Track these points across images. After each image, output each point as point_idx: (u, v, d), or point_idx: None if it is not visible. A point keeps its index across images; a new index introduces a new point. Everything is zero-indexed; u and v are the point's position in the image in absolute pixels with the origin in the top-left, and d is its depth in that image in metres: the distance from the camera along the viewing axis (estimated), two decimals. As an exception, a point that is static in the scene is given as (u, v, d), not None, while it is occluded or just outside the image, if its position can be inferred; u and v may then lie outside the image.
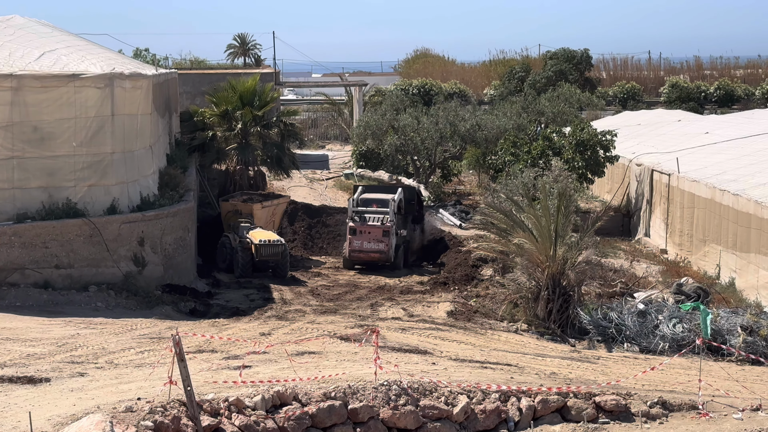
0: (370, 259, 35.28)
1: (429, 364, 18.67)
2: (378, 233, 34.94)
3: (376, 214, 35.38)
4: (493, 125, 48.00)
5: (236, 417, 13.44)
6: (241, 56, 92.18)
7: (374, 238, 34.95)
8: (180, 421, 12.71)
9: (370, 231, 34.97)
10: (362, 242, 34.98)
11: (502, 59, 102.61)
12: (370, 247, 35.00)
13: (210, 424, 13.09)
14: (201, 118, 43.73)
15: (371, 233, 34.97)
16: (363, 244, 34.98)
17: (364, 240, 34.97)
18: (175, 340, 12.83)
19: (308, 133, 72.53)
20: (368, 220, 35.26)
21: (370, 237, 34.98)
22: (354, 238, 35.06)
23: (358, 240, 35.01)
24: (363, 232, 34.98)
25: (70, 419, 12.62)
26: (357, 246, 35.06)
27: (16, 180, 27.40)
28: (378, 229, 34.92)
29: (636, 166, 41.97)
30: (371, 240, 34.96)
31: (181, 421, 12.74)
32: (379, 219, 35.16)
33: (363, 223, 35.15)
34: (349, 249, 35.27)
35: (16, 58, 28.34)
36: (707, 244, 33.12)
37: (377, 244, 34.94)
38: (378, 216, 35.29)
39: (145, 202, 29.80)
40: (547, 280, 25.89)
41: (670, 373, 19.97)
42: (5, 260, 26.63)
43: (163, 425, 12.34)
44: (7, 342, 20.28)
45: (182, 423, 12.73)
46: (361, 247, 35.04)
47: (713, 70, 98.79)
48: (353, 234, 35.09)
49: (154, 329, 23.22)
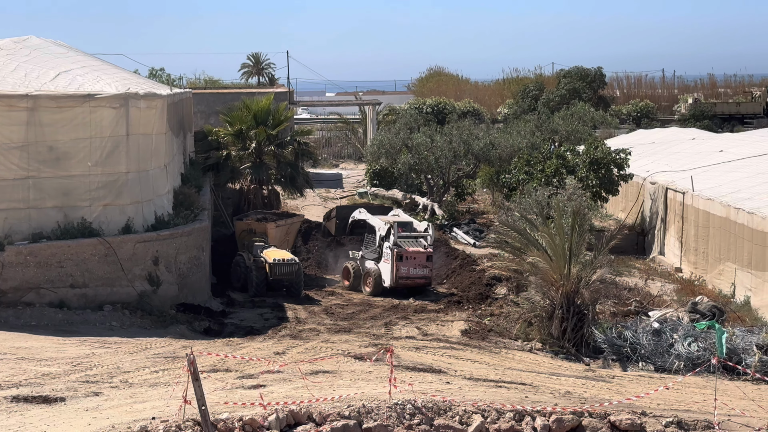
0: (415, 284, 34.56)
1: (443, 383, 18.63)
2: (422, 258, 34.30)
3: (413, 239, 34.88)
4: (507, 144, 48.02)
5: (250, 436, 13.44)
6: (255, 75, 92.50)
7: (419, 263, 34.26)
8: (194, 440, 12.72)
9: (416, 257, 34.23)
10: (409, 268, 34.14)
11: (515, 78, 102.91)
12: (416, 273, 34.30)
13: (224, 444, 13.10)
14: (215, 138, 43.91)
15: (416, 258, 34.24)
16: (410, 270, 34.16)
17: (410, 266, 34.15)
18: (190, 359, 12.85)
19: (322, 152, 72.73)
20: (407, 245, 34.53)
21: (416, 263, 34.22)
22: (401, 264, 34.11)
23: (405, 266, 34.11)
24: (409, 258, 34.15)
25: (85, 439, 12.64)
26: (404, 272, 34.12)
27: (31, 200, 27.51)
28: (422, 254, 34.32)
29: (650, 184, 41.90)
30: (417, 266, 34.21)
31: (196, 441, 12.75)
32: (420, 243, 34.66)
33: (402, 248, 34.28)
34: (397, 275, 34.17)
35: (31, 78, 28.51)
36: (722, 263, 33.00)
37: (422, 269, 34.34)
38: (415, 240, 34.81)
39: (160, 222, 29.87)
40: (562, 298, 25.81)
41: (685, 392, 19.90)
42: (21, 280, 26.72)
43: (177, 445, 12.35)
44: (22, 361, 20.33)
45: (197, 442, 12.74)
46: (408, 273, 34.18)
47: (727, 87, 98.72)
48: (400, 260, 34.12)
49: (169, 348, 23.23)
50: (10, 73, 28.81)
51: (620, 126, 74.84)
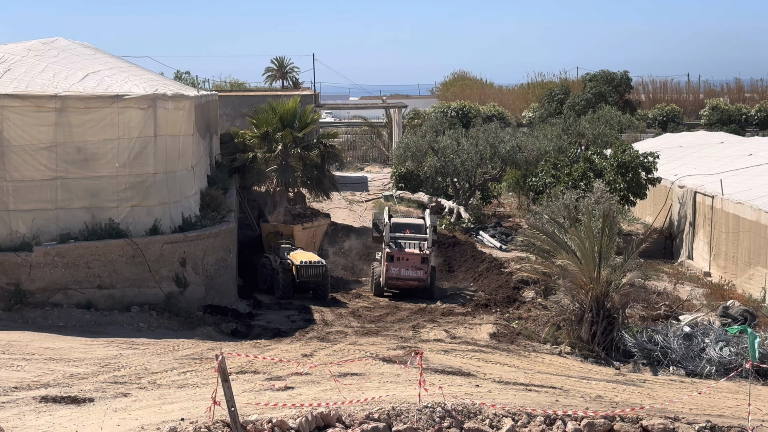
0: (407, 286, 34.23)
1: (472, 386, 18.51)
2: (417, 260, 33.94)
3: (413, 240, 34.68)
4: (534, 147, 47.81)
5: (280, 438, 13.34)
6: (279, 79, 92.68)
7: (412, 265, 33.92)
8: (224, 441, 12.64)
9: (408, 258, 33.95)
10: (400, 269, 33.85)
11: (540, 82, 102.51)
12: (408, 275, 33.93)
13: (254, 445, 13.01)
14: (241, 140, 43.88)
15: (409, 260, 33.95)
16: (401, 271, 33.86)
17: (402, 267, 33.86)
18: (220, 360, 12.76)
19: (347, 155, 72.67)
20: (404, 246, 34.42)
21: (408, 264, 33.92)
22: (391, 265, 33.88)
23: (395, 267, 33.86)
24: (401, 258, 33.90)
25: (114, 439, 12.58)
26: (395, 273, 33.89)
27: (59, 200, 27.56)
28: (417, 256, 34.01)
29: (678, 188, 41.59)
30: (409, 267, 33.90)
31: (226, 442, 12.66)
32: (417, 245, 34.51)
33: (400, 249, 34.17)
34: (386, 276, 34.03)
35: (60, 79, 28.57)
36: (752, 267, 32.69)
37: (416, 271, 33.92)
38: (415, 242, 34.67)
39: (187, 223, 29.86)
40: (591, 302, 25.60)
41: (717, 397, 19.69)
42: (48, 280, 26.77)
43: (207, 446, 12.27)
44: (50, 362, 20.34)
45: (226, 444, 12.65)
46: (398, 275, 33.88)
47: (754, 92, 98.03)
48: (390, 261, 33.93)
49: (196, 350, 23.21)
50: (39, 74, 28.88)
51: (646, 130, 74.45)
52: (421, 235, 34.88)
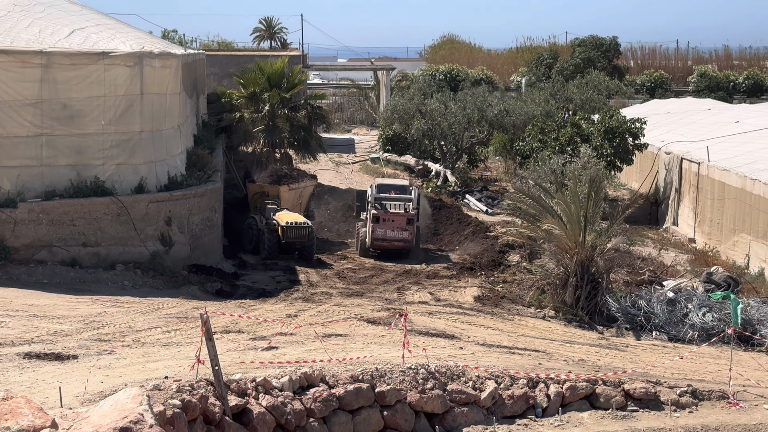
0: (393, 247, 34.38)
1: (456, 348, 18.56)
2: (402, 221, 34.02)
3: (398, 201, 34.68)
4: (521, 111, 47.71)
5: (263, 397, 13.38)
6: (267, 39, 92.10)
7: (398, 226, 34.00)
8: (207, 400, 12.65)
9: (394, 219, 34.00)
10: (386, 230, 33.94)
11: (529, 46, 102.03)
12: (393, 236, 34.03)
13: (237, 404, 13.03)
14: (228, 100, 43.72)
15: (395, 221, 34.01)
16: (386, 232, 33.94)
17: (387, 228, 33.93)
18: (204, 318, 12.75)
19: (334, 117, 72.40)
20: (389, 207, 34.42)
21: (394, 225, 33.98)
22: (377, 226, 33.95)
23: (381, 228, 33.94)
24: (387, 220, 33.96)
25: (98, 396, 12.57)
26: (380, 234, 33.98)
27: (44, 157, 27.41)
28: (402, 217, 34.06)
29: (665, 154, 41.63)
30: (395, 228, 33.98)
31: (209, 401, 12.67)
32: (402, 206, 34.52)
33: (386, 210, 34.22)
34: (372, 237, 34.15)
35: (45, 35, 28.32)
36: (737, 234, 32.81)
37: (401, 232, 34.02)
38: (399, 203, 34.65)
39: (173, 182, 29.77)
40: (576, 266, 25.69)
41: (699, 362, 19.80)
42: (33, 237, 26.69)
43: (190, 404, 12.26)
44: (34, 319, 20.30)
45: (210, 402, 12.66)
46: (384, 236, 33.99)
47: (742, 60, 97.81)
48: (376, 222, 34.01)
49: (181, 309, 23.21)
50: (24, 29, 28.60)
51: (634, 96, 74.37)
52: (406, 195, 34.89)
